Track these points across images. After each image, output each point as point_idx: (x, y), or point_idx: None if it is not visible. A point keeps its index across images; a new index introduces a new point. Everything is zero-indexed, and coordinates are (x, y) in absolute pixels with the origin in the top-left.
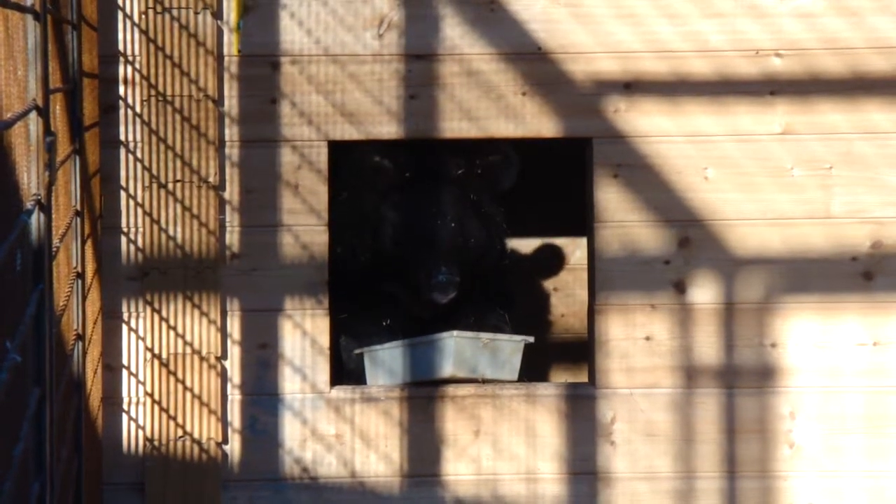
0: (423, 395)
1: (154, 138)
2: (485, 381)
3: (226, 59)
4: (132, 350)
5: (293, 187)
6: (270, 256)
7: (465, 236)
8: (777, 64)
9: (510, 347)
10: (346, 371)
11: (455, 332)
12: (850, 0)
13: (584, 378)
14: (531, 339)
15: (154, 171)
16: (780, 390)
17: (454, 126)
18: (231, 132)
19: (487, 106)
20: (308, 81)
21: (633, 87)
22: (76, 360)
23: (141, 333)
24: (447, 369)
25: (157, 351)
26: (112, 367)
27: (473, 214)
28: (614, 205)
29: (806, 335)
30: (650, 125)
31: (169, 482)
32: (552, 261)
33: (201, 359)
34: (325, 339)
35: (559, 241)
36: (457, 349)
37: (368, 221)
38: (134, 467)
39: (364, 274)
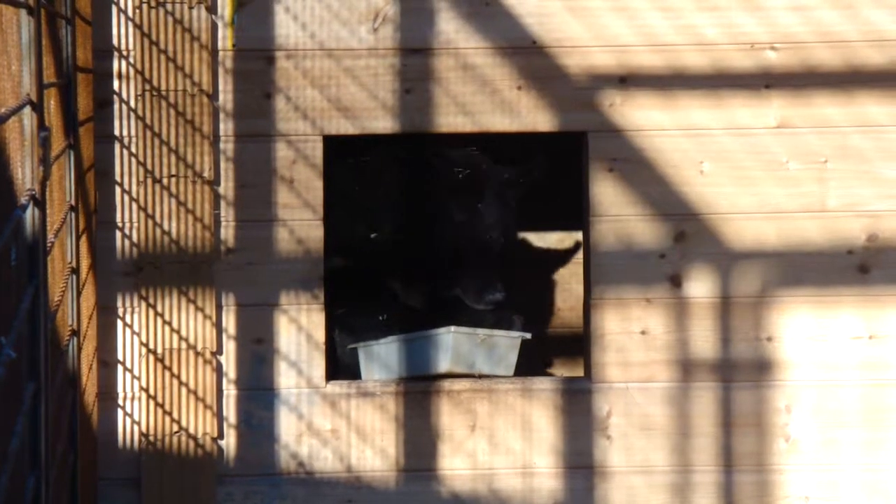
0: (419, 390)
1: (149, 133)
2: (481, 377)
3: (220, 53)
4: (127, 345)
5: (288, 182)
6: (265, 251)
7: (504, 241)
8: (772, 57)
9: (507, 343)
10: (341, 365)
11: (453, 328)
12: None
13: (580, 372)
14: (528, 336)
15: (149, 166)
16: (776, 384)
17: (450, 120)
18: (226, 127)
19: (483, 100)
20: (303, 76)
21: (629, 80)
22: (71, 356)
23: (136, 328)
24: (444, 365)
25: (152, 346)
26: (107, 362)
27: (509, 217)
28: (610, 199)
29: (802, 329)
30: (645, 119)
31: (164, 477)
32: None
33: (196, 354)
34: (320, 334)
35: (555, 236)
36: (454, 344)
37: (420, 216)
38: (129, 462)
39: (364, 266)
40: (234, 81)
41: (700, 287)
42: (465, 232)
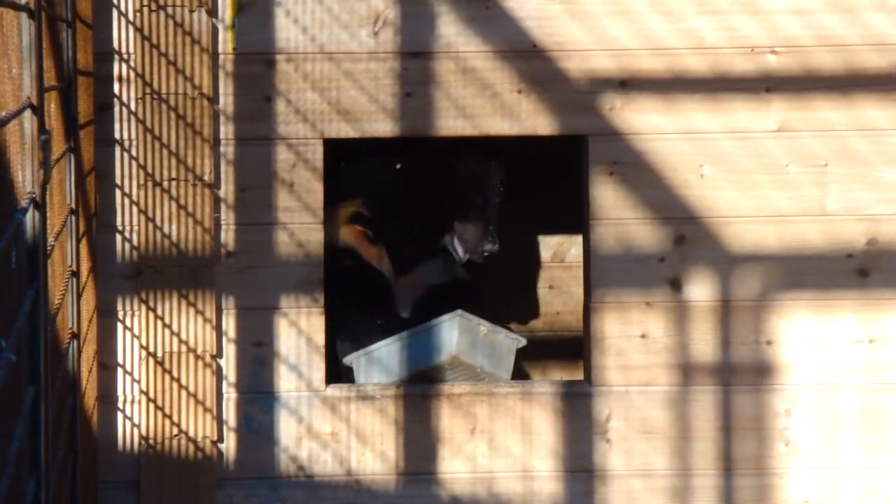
0: (418, 393)
1: (149, 136)
2: (482, 372)
3: (221, 56)
4: (127, 348)
5: (288, 185)
6: (266, 254)
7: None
8: (772, 61)
9: (506, 345)
10: (341, 369)
11: (460, 311)
12: None
13: (579, 376)
14: (524, 342)
15: (149, 169)
16: (776, 387)
17: (450, 124)
18: (226, 130)
19: (483, 104)
20: (303, 79)
21: (629, 84)
22: (71, 359)
23: (136, 332)
24: (452, 350)
25: (152, 349)
26: (107, 365)
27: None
28: (610, 202)
29: (801, 332)
30: (646, 122)
31: (164, 480)
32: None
33: (196, 357)
34: (320, 337)
35: (555, 239)
36: (461, 330)
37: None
38: (129, 466)
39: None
40: (234, 85)
41: (700, 290)
42: (473, 181)
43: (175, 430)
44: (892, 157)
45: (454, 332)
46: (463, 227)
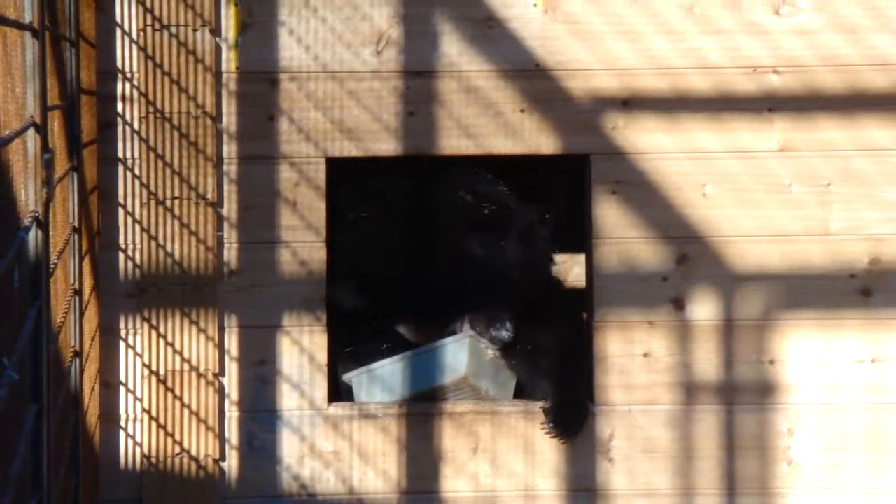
0: (421, 412)
1: (152, 155)
2: (486, 396)
3: (224, 75)
4: (130, 367)
5: (291, 204)
6: (268, 273)
7: (524, 280)
8: (775, 81)
9: (509, 370)
10: (343, 387)
11: (471, 332)
12: (849, 17)
13: None
14: None
15: (152, 188)
16: (779, 407)
17: (453, 143)
18: (229, 149)
19: (486, 122)
20: (306, 98)
21: (632, 103)
22: (74, 377)
23: (138, 350)
24: (461, 372)
25: (154, 368)
26: (109, 383)
27: (533, 255)
28: (613, 221)
29: (804, 352)
30: (649, 142)
31: (166, 499)
32: None
33: (199, 375)
34: (323, 356)
35: (558, 257)
36: (471, 352)
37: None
38: (131, 484)
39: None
40: (237, 103)
41: (703, 310)
42: (483, 267)
43: (177, 449)
44: (895, 176)
45: (464, 354)
46: (476, 315)
